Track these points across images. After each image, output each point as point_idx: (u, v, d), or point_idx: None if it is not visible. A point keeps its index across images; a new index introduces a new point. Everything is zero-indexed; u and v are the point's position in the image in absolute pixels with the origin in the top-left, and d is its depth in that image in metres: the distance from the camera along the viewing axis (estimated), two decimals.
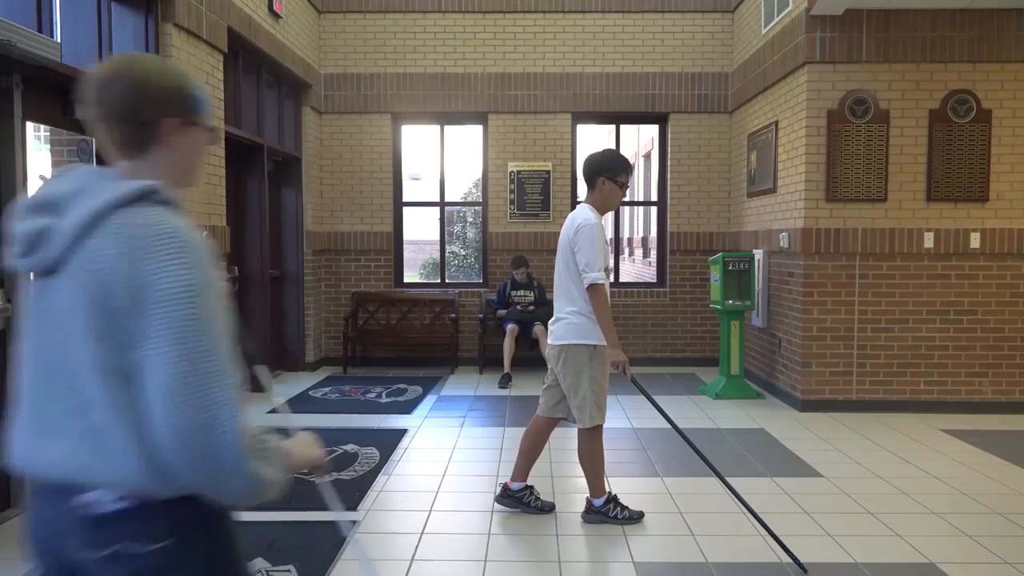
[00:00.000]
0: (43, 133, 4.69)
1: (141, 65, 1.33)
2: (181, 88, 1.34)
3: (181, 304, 1.17)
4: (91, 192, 1.25)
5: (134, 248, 1.19)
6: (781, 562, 3.23)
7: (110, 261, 1.19)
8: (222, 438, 1.16)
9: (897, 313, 6.03)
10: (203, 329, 1.19)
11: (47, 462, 1.25)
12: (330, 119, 8.22)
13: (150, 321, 1.17)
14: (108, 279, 1.18)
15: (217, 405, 1.16)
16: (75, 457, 1.22)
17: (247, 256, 6.71)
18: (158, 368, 1.16)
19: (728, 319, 6.80)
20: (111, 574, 1.24)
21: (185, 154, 1.37)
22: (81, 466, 1.22)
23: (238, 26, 5.83)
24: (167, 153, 1.34)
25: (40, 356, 1.28)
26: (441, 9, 8.11)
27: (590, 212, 3.59)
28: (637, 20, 8.11)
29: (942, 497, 4.09)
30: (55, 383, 1.25)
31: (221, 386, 1.18)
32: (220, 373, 1.18)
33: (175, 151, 1.34)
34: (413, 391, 6.91)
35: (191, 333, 1.17)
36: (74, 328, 1.21)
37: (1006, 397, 6.04)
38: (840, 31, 5.92)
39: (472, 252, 14.55)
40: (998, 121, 5.96)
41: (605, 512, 3.67)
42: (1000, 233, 5.97)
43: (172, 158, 1.35)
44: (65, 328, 1.23)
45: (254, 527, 3.59)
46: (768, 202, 6.93)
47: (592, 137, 14.22)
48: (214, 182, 5.48)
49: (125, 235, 1.20)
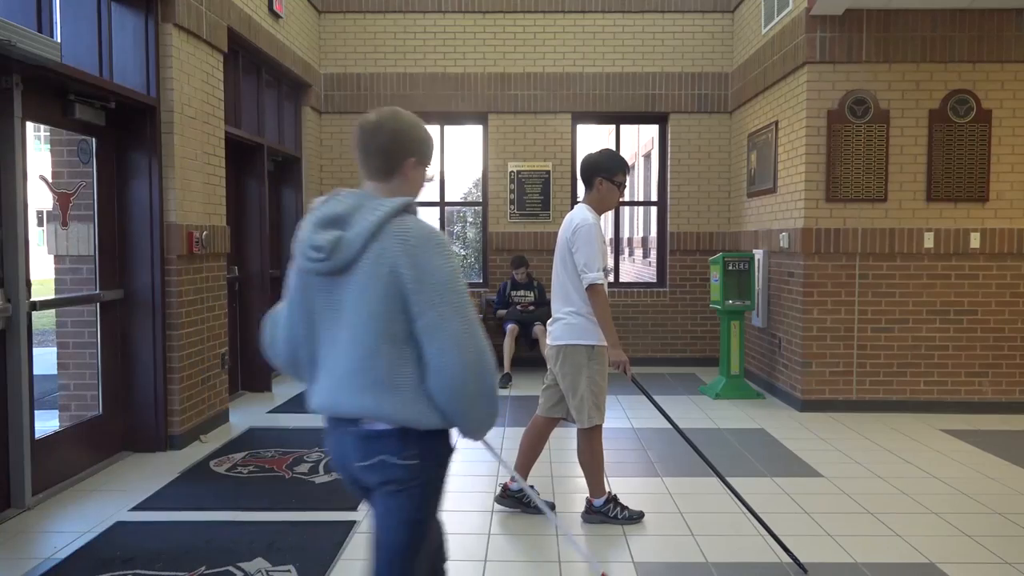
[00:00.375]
0: (43, 133, 4.70)
1: (400, 120, 1.87)
2: (422, 141, 1.89)
3: (452, 283, 1.71)
4: (367, 208, 1.77)
5: (411, 245, 1.71)
6: (781, 562, 3.23)
7: (396, 255, 1.71)
8: (488, 369, 1.74)
9: (897, 313, 6.03)
10: (465, 299, 1.73)
11: (348, 404, 1.77)
12: (330, 119, 8.22)
13: (431, 296, 1.69)
14: (397, 267, 1.70)
15: (483, 349, 1.73)
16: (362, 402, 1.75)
17: (247, 256, 6.71)
18: (447, 327, 1.69)
19: (728, 319, 6.80)
20: (373, 477, 1.81)
21: (412, 183, 1.90)
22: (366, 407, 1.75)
23: (238, 26, 5.83)
24: (402, 182, 1.88)
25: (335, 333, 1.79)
26: (441, 9, 8.12)
27: (588, 212, 3.59)
28: (637, 20, 8.11)
29: (942, 497, 4.09)
30: (353, 349, 1.75)
31: (481, 335, 1.74)
32: (478, 326, 1.74)
33: (407, 181, 1.89)
34: None
35: (461, 302, 1.72)
36: (367, 311, 1.72)
37: (1006, 397, 6.04)
38: (840, 31, 5.92)
39: (472, 252, 14.55)
40: (998, 121, 5.96)
41: (605, 512, 3.67)
42: (1000, 233, 5.97)
43: (403, 185, 1.88)
44: (358, 312, 1.74)
45: (254, 527, 3.60)
46: (768, 202, 6.93)
47: (592, 137, 14.22)
48: (214, 182, 5.48)
49: (402, 237, 1.72)
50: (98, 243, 4.64)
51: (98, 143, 4.62)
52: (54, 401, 4.93)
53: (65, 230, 4.58)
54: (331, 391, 1.80)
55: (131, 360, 4.83)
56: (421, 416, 1.75)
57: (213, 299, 5.43)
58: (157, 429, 4.84)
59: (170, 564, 3.18)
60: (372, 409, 1.75)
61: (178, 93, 4.89)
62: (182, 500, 3.99)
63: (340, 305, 1.78)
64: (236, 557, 3.25)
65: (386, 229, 1.73)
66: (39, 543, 3.45)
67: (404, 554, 1.84)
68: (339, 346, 1.78)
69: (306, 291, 1.84)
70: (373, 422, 1.77)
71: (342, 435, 1.83)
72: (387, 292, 1.70)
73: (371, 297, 1.71)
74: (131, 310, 4.83)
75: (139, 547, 3.36)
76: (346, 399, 1.77)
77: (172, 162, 4.85)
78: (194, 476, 4.40)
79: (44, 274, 4.53)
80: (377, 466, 1.79)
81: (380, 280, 1.71)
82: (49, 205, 4.54)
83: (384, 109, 1.90)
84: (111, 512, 3.80)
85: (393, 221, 1.75)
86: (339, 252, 1.74)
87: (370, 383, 1.74)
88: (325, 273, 1.77)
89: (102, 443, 4.62)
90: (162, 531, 3.56)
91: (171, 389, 4.88)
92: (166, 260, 4.85)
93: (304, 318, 1.86)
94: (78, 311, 4.70)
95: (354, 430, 1.80)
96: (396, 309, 1.71)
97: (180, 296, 4.90)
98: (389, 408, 1.74)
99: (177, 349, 4.89)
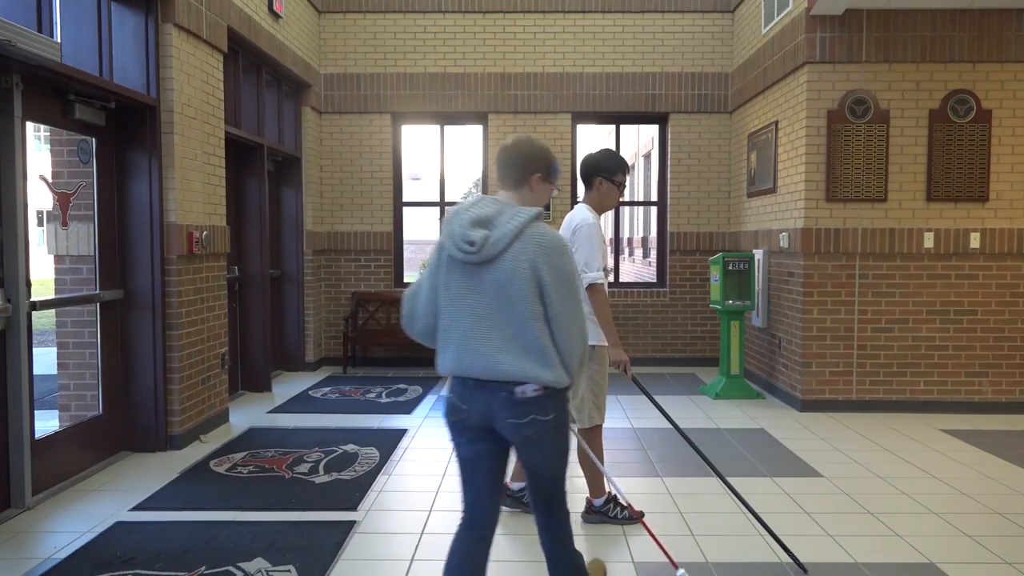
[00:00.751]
0: (43, 133, 4.70)
1: (532, 143, 2.44)
2: (547, 161, 2.44)
3: (574, 279, 2.31)
4: (507, 214, 2.29)
5: (546, 248, 2.26)
6: (781, 562, 3.23)
7: (535, 255, 2.24)
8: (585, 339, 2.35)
9: (897, 313, 6.03)
10: (580, 290, 2.34)
11: (503, 370, 2.26)
12: (330, 119, 8.22)
13: (558, 288, 2.25)
14: (535, 265, 2.24)
15: (584, 326, 2.35)
16: (520, 365, 2.26)
17: (247, 256, 6.71)
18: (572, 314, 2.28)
19: (728, 319, 6.80)
20: (525, 431, 2.31)
21: (537, 194, 2.45)
22: (523, 370, 2.26)
23: (238, 26, 5.83)
24: (530, 192, 2.43)
25: (481, 310, 2.28)
26: (441, 9, 8.12)
27: (587, 212, 3.59)
28: (637, 20, 8.11)
29: (942, 497, 4.09)
30: (504, 325, 2.26)
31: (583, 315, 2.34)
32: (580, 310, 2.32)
33: (533, 192, 2.44)
34: (413, 391, 6.91)
35: (578, 294, 2.32)
36: (517, 293, 2.24)
37: (1006, 397, 6.04)
38: (840, 31, 5.92)
39: None
40: (998, 121, 5.96)
41: (605, 512, 3.67)
42: (1000, 233, 5.97)
43: (530, 195, 2.43)
44: (507, 293, 2.25)
45: (254, 527, 3.60)
46: (768, 202, 6.93)
47: (592, 137, 14.22)
48: (214, 182, 5.48)
49: (538, 240, 2.26)
50: (98, 243, 4.64)
51: (98, 143, 4.62)
52: (54, 401, 4.93)
53: (65, 230, 4.58)
54: (485, 358, 2.28)
55: (131, 360, 4.83)
56: (560, 378, 2.30)
57: (213, 299, 5.43)
58: (157, 429, 4.84)
59: (170, 564, 3.18)
60: (527, 372, 2.26)
61: (178, 93, 4.89)
62: (182, 500, 3.99)
63: (483, 288, 2.27)
64: (236, 557, 3.25)
65: (526, 233, 2.26)
66: (39, 543, 3.45)
67: (556, 474, 2.45)
68: (489, 321, 2.27)
69: (450, 274, 2.32)
70: (524, 387, 2.28)
71: (490, 396, 2.31)
72: (530, 282, 2.24)
73: (517, 284, 2.23)
74: (131, 310, 4.83)
75: (139, 547, 3.36)
76: (508, 363, 2.26)
77: (172, 162, 4.85)
78: (194, 476, 4.40)
79: (44, 274, 4.53)
80: (529, 423, 2.31)
81: (523, 272, 2.23)
82: (49, 205, 4.54)
83: (521, 135, 2.47)
84: (111, 512, 3.80)
85: (530, 227, 2.27)
86: (487, 247, 2.24)
87: (523, 349, 2.26)
88: (473, 263, 2.27)
89: (102, 443, 4.62)
90: (162, 531, 3.56)
91: (171, 389, 4.88)
92: (166, 260, 4.85)
93: (444, 295, 2.34)
94: (78, 311, 4.70)
95: (504, 395, 2.29)
96: (536, 295, 2.25)
97: (180, 296, 4.90)
98: (541, 371, 2.26)
99: (177, 349, 4.89)
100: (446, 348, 2.34)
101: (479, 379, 2.31)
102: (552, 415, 2.33)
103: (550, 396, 2.31)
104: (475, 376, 2.31)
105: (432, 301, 2.37)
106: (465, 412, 2.36)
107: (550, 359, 2.27)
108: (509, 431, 2.33)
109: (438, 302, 2.35)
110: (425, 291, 2.39)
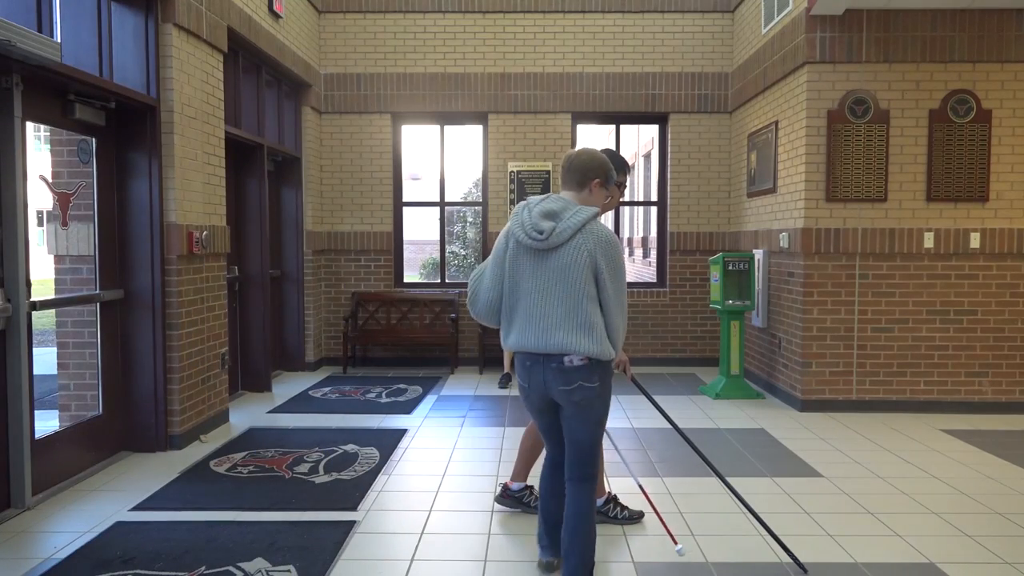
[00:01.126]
0: (43, 133, 4.70)
1: (592, 153, 2.90)
2: (604, 169, 2.88)
3: (623, 271, 2.78)
4: (572, 212, 2.74)
5: (603, 242, 2.72)
6: (781, 562, 3.23)
7: (593, 246, 2.71)
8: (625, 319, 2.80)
9: (897, 313, 6.03)
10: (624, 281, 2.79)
11: (555, 343, 2.71)
12: (330, 119, 8.22)
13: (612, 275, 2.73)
14: (593, 256, 2.70)
15: (625, 308, 2.79)
16: (569, 338, 2.70)
17: (247, 256, 6.71)
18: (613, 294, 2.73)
19: (728, 319, 6.80)
20: (573, 396, 2.75)
21: (595, 196, 2.88)
22: (572, 343, 2.70)
23: (238, 26, 5.83)
24: (588, 194, 2.87)
25: (543, 290, 2.74)
26: (441, 9, 8.12)
27: None
28: (637, 20, 8.11)
29: (942, 497, 4.09)
30: (561, 304, 2.71)
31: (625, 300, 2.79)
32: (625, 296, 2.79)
33: (592, 195, 2.88)
34: (413, 391, 6.91)
35: (624, 283, 2.79)
36: (575, 277, 2.70)
37: (1006, 397, 6.04)
38: (840, 31, 5.93)
39: (472, 252, 14.56)
40: (998, 121, 5.96)
41: (605, 512, 3.67)
42: (1000, 233, 5.97)
43: (589, 197, 2.87)
44: (567, 276, 2.70)
45: (254, 527, 3.60)
46: (768, 202, 6.93)
47: (592, 137, 14.22)
48: (214, 182, 5.48)
49: (596, 236, 2.73)
50: (98, 243, 4.64)
51: (98, 143, 4.62)
52: (54, 401, 4.93)
53: (65, 230, 4.58)
54: (542, 332, 2.73)
55: (131, 360, 4.83)
56: (604, 351, 2.72)
57: (213, 299, 5.43)
58: (157, 429, 4.84)
59: (170, 564, 3.18)
60: (575, 344, 2.69)
61: (178, 93, 4.89)
62: (182, 500, 3.99)
63: (546, 271, 2.73)
64: (236, 557, 3.25)
65: (586, 228, 2.72)
66: (39, 543, 3.45)
67: (595, 441, 2.85)
68: (548, 300, 2.73)
69: (517, 258, 2.79)
70: (573, 358, 2.70)
71: (544, 369, 2.76)
72: (588, 268, 2.70)
73: (577, 270, 2.69)
74: (131, 310, 4.83)
75: (139, 547, 3.36)
76: (560, 337, 2.70)
77: (172, 162, 4.85)
78: (194, 476, 4.40)
79: (44, 274, 4.53)
80: (577, 389, 2.73)
81: (582, 260, 2.69)
82: (49, 205, 4.54)
83: (586, 148, 2.92)
84: (111, 512, 3.80)
85: (590, 223, 2.74)
86: (554, 236, 2.71)
87: (576, 326, 2.70)
88: (540, 249, 2.73)
89: (102, 443, 4.62)
90: (162, 531, 3.56)
91: (171, 389, 4.89)
92: (166, 260, 4.85)
93: (510, 277, 2.81)
94: (78, 311, 4.70)
95: (555, 366, 2.73)
96: (592, 279, 2.71)
97: (180, 296, 4.90)
98: (588, 344, 2.69)
99: (177, 349, 4.90)
100: (511, 325, 2.83)
101: (534, 354, 2.77)
102: (597, 383, 2.75)
103: (594, 366, 2.73)
104: (531, 350, 2.77)
105: (496, 283, 2.85)
106: (527, 390, 2.86)
107: (597, 334, 2.69)
108: (561, 398, 2.76)
109: (504, 284, 2.83)
110: (489, 274, 2.88)
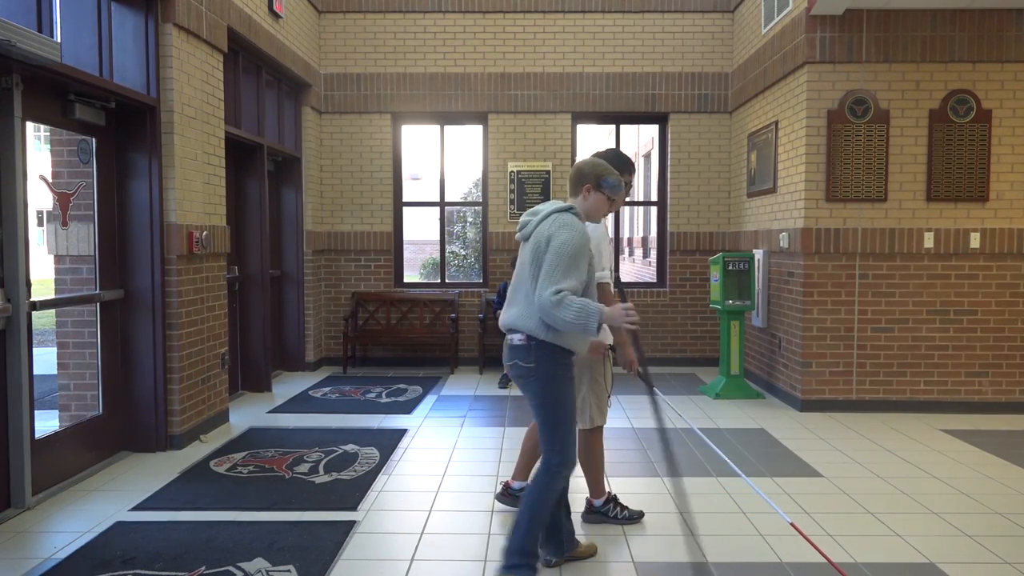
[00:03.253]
0: (43, 133, 4.70)
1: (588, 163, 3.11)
2: (594, 175, 3.07)
3: (563, 250, 2.81)
4: (549, 207, 2.99)
5: (557, 225, 2.88)
6: (781, 562, 3.23)
7: (548, 230, 2.88)
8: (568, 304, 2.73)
9: (897, 313, 6.03)
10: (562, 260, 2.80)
11: (505, 321, 2.99)
12: (330, 119, 8.22)
13: (549, 253, 2.82)
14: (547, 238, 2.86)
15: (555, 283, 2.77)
16: (513, 316, 2.95)
17: (247, 256, 6.71)
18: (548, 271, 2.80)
19: (728, 319, 6.80)
20: (513, 372, 2.98)
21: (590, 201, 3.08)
22: (514, 321, 2.94)
23: (238, 26, 5.83)
24: (582, 200, 3.09)
25: (517, 276, 3.01)
26: (441, 9, 8.12)
27: None
28: (637, 20, 8.11)
29: (942, 497, 4.09)
30: (521, 286, 2.95)
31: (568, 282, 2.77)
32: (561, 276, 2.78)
33: (585, 200, 3.09)
34: (413, 391, 6.91)
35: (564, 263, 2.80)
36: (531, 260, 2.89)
37: (1006, 397, 6.04)
38: (840, 31, 5.93)
39: (472, 252, 14.55)
40: (998, 121, 5.96)
41: (605, 512, 3.67)
42: (1000, 233, 5.97)
43: (582, 201, 3.09)
44: (526, 260, 2.93)
45: (254, 527, 3.60)
46: (768, 202, 6.93)
47: (592, 137, 14.21)
48: (214, 182, 5.48)
49: (556, 221, 2.90)
50: (98, 243, 4.64)
51: (98, 143, 4.62)
52: (54, 401, 4.93)
53: (65, 230, 4.58)
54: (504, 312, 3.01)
55: (131, 360, 4.83)
56: (536, 329, 2.87)
57: (213, 299, 5.43)
58: (157, 429, 4.84)
59: (170, 564, 3.18)
60: (516, 322, 2.93)
61: (178, 93, 4.89)
62: (182, 500, 3.99)
63: (522, 259, 3.01)
64: (236, 557, 3.25)
65: (551, 216, 2.95)
66: (39, 543, 3.45)
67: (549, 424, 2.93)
68: (516, 283, 3.01)
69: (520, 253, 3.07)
70: (514, 336, 2.94)
71: (505, 346, 3.02)
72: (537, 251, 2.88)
73: (534, 254, 2.89)
74: (131, 310, 4.83)
75: (139, 547, 3.36)
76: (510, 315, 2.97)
77: (172, 162, 4.85)
78: (194, 476, 4.40)
79: (44, 274, 4.53)
80: (513, 367, 2.97)
81: (540, 246, 2.87)
82: (49, 205, 4.54)
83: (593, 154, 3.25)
84: (111, 512, 3.80)
85: (557, 213, 2.95)
86: (527, 228, 3.01)
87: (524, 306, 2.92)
88: (521, 240, 3.05)
89: (102, 443, 4.62)
90: (162, 531, 3.56)
91: (171, 389, 4.89)
92: (166, 260, 4.85)
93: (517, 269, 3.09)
94: (78, 311, 4.70)
95: (508, 342, 2.98)
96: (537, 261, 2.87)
97: (180, 296, 4.90)
98: (525, 322, 2.90)
99: (177, 349, 4.89)
100: None
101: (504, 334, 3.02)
102: (533, 364, 2.90)
103: (532, 347, 2.90)
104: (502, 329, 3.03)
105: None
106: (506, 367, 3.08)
107: (535, 313, 2.84)
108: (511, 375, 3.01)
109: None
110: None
